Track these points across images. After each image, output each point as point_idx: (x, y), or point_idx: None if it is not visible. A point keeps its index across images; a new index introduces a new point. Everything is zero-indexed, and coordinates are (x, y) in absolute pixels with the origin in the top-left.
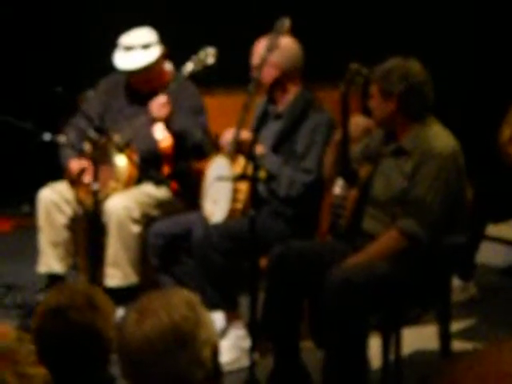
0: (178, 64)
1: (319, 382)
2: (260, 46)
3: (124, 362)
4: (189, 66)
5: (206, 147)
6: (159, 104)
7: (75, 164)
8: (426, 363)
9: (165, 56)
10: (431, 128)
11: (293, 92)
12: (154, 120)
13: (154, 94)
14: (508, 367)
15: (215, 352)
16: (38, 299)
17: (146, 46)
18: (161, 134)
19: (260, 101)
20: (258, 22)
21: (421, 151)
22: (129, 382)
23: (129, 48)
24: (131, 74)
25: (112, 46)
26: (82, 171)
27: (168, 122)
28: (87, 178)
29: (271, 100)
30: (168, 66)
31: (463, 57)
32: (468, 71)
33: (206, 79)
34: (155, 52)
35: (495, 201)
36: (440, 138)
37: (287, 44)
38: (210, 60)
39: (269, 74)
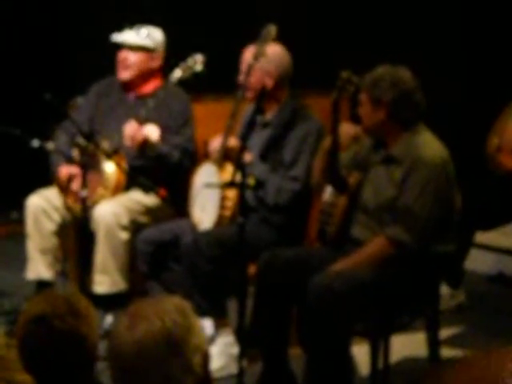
0: (167, 71)
1: None
2: (248, 54)
3: (115, 368)
4: (177, 73)
5: (186, 165)
6: (130, 134)
7: (64, 170)
8: (414, 370)
9: (161, 60)
10: (421, 136)
11: (281, 100)
12: (145, 121)
13: (143, 99)
14: (496, 370)
15: (206, 359)
16: None
17: (143, 33)
18: (154, 133)
19: (247, 108)
20: (247, 28)
21: (411, 159)
22: None
23: (131, 28)
24: (122, 49)
25: (102, 53)
26: (71, 177)
27: (143, 149)
28: (76, 184)
29: (259, 110)
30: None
31: (452, 65)
32: (457, 80)
33: (194, 86)
34: (150, 42)
35: (484, 209)
36: (430, 146)
37: (278, 52)
38: (199, 67)
39: (259, 82)
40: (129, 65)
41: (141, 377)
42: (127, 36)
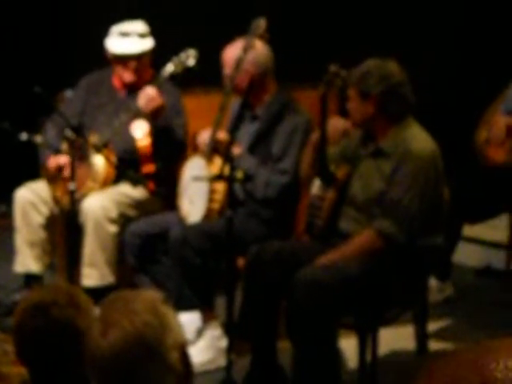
0: (158, 65)
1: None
2: (229, 55)
3: (93, 373)
4: (169, 68)
5: (184, 147)
6: (148, 96)
7: (53, 160)
8: (402, 363)
9: (153, 53)
10: (410, 129)
11: (268, 94)
12: (136, 115)
13: (134, 93)
14: (486, 363)
15: (183, 352)
16: (15, 299)
17: (141, 35)
18: (140, 133)
19: (235, 101)
20: (236, 22)
21: (400, 153)
22: None
23: (125, 34)
24: (124, 60)
25: (91, 45)
26: (60, 168)
27: (155, 117)
28: (65, 174)
29: (246, 105)
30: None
31: (441, 58)
32: (445, 72)
33: (183, 79)
34: (150, 42)
35: (472, 202)
36: (419, 139)
37: (257, 49)
38: (191, 62)
39: (242, 82)
40: (139, 70)
41: (120, 382)
42: (127, 48)
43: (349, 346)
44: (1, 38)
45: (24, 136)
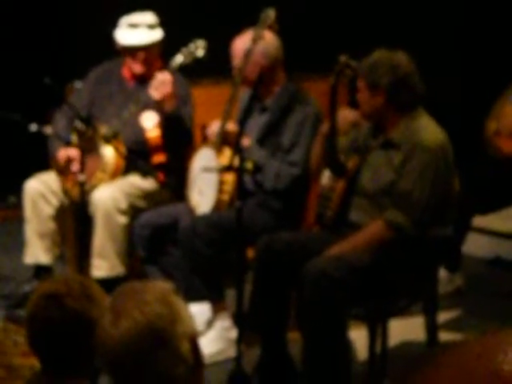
0: (167, 56)
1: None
2: (238, 47)
3: (104, 363)
4: (178, 58)
5: (191, 136)
6: (159, 81)
7: (63, 153)
8: (412, 354)
9: (162, 43)
10: (420, 120)
11: (278, 85)
12: (146, 106)
13: (143, 84)
14: (492, 354)
15: (194, 342)
16: (25, 290)
17: (151, 26)
18: (149, 124)
19: (245, 92)
20: (246, 12)
21: (410, 144)
22: (111, 380)
23: (134, 25)
24: (133, 52)
25: (99, 36)
26: (70, 160)
27: (164, 104)
28: (75, 167)
29: (256, 96)
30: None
31: (451, 49)
32: (455, 63)
33: (193, 70)
34: (159, 33)
35: (482, 192)
36: (429, 130)
37: (266, 40)
38: (200, 52)
39: (251, 73)
40: (148, 61)
41: (131, 371)
42: (135, 39)
43: (359, 337)
44: (10, 30)
45: (34, 127)
